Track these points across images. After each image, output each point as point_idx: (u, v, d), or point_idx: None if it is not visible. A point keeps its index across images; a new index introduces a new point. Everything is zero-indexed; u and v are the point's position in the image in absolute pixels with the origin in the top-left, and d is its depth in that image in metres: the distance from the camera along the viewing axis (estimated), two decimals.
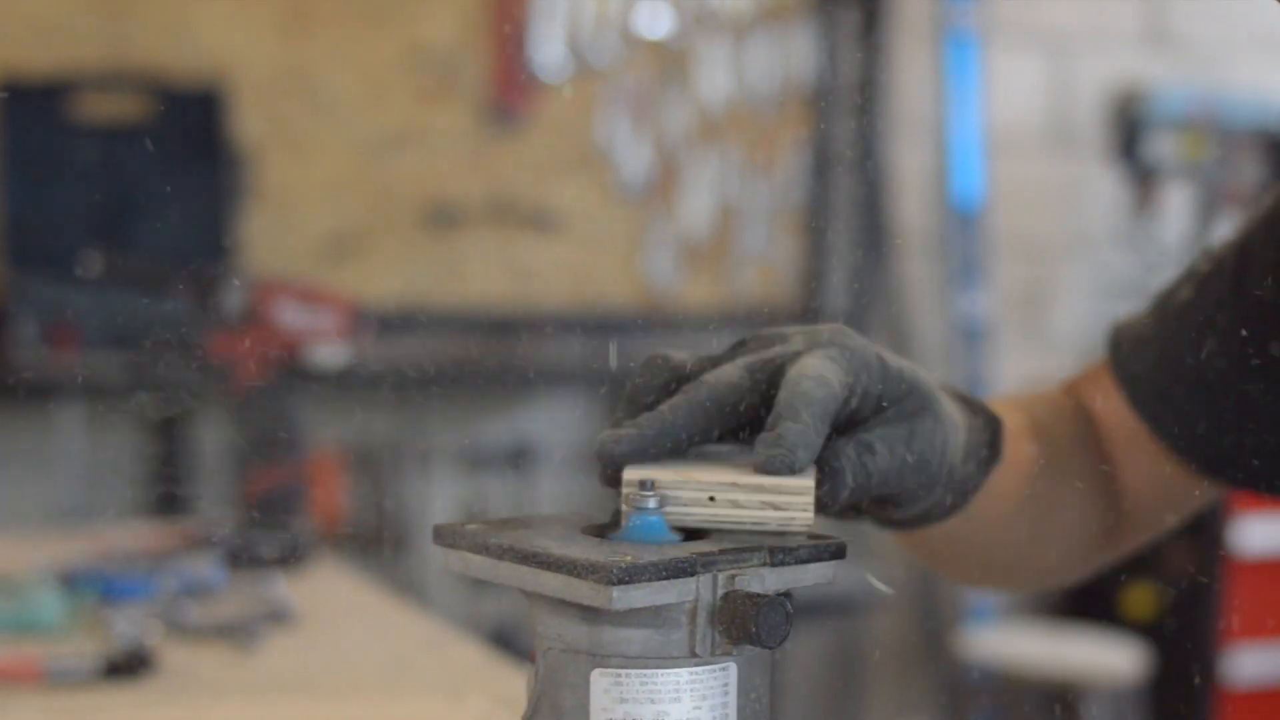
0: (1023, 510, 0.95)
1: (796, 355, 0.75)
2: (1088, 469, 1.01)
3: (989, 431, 0.86)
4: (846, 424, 0.76)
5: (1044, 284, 4.19)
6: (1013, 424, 0.94)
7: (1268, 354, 0.93)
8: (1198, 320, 0.96)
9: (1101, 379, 1.02)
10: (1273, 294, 0.93)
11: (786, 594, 0.66)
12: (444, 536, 0.70)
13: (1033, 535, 0.98)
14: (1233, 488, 0.99)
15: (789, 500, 0.69)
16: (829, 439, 0.73)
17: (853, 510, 0.82)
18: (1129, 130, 4.06)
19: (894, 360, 0.78)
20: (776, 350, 0.76)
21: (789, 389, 0.72)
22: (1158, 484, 1.01)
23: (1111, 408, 1.01)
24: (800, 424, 0.71)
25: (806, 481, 0.70)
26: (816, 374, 0.73)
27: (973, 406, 0.86)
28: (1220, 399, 0.95)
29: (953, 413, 0.81)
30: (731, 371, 0.75)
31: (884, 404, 0.76)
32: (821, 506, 0.73)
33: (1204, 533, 3.68)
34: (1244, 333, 0.94)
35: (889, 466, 0.75)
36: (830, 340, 0.76)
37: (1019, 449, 0.93)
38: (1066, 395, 1.05)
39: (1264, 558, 3.70)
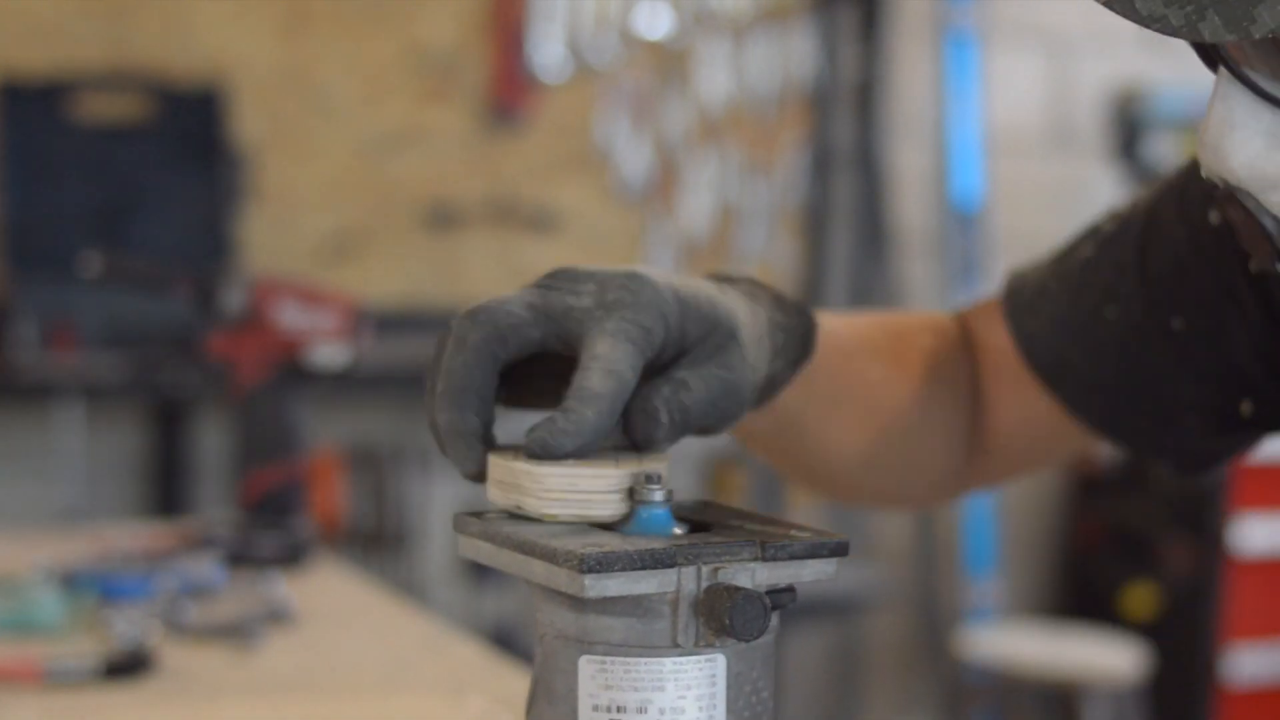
0: (856, 427, 0.97)
1: (589, 317, 0.75)
2: (954, 398, 1.02)
3: (803, 330, 0.87)
4: (658, 368, 0.77)
5: None
6: (864, 343, 0.97)
7: (1166, 326, 0.93)
8: (1098, 282, 0.96)
9: (994, 317, 1.02)
10: (1173, 269, 0.93)
11: (788, 589, 0.66)
12: (459, 523, 0.74)
13: (871, 454, 0.99)
14: (1117, 445, 1.00)
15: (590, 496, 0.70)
16: (642, 383, 0.74)
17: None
18: (1129, 130, 4.05)
19: (693, 294, 0.77)
20: (568, 301, 0.76)
21: (580, 377, 0.72)
22: (1033, 424, 1.02)
23: (998, 344, 1.02)
24: (590, 412, 0.71)
25: (606, 472, 0.70)
26: (606, 364, 0.73)
27: (786, 307, 0.86)
28: (1116, 363, 0.96)
29: (757, 327, 0.82)
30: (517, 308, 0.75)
31: (690, 342, 0.77)
32: (645, 445, 0.74)
33: (1204, 533, 3.68)
34: (1143, 302, 0.94)
35: (704, 399, 0.76)
36: (619, 300, 0.75)
37: (861, 368, 0.96)
38: (956, 322, 1.05)
39: (1264, 558, 3.70)
